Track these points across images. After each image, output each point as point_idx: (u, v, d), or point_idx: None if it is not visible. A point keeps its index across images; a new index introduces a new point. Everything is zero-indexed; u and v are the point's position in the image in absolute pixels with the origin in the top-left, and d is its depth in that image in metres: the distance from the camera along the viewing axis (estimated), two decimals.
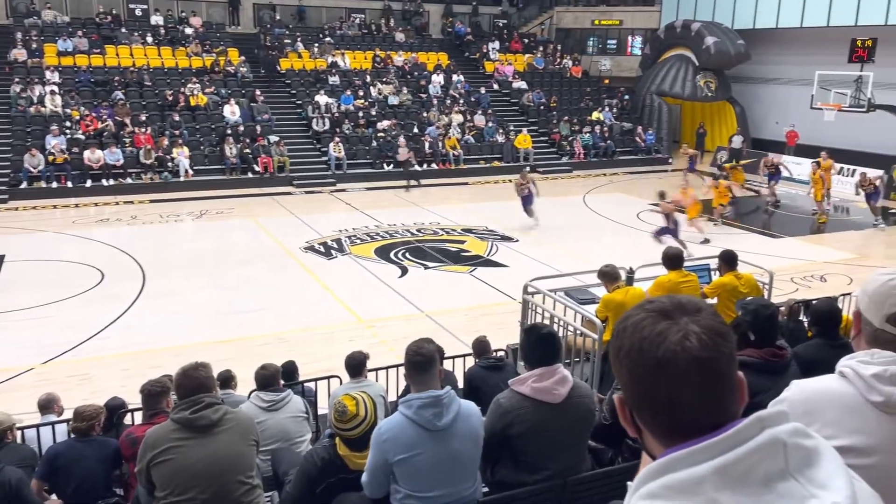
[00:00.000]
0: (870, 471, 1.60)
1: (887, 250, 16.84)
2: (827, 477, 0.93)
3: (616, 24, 32.64)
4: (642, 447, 1.08)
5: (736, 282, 6.90)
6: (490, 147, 25.13)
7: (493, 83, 28.83)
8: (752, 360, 3.96)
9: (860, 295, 1.78)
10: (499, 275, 13.44)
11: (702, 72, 27.50)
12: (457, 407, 3.34)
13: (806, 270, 13.93)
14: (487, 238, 16.14)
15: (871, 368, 1.65)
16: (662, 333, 0.99)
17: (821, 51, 24.09)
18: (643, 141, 27.20)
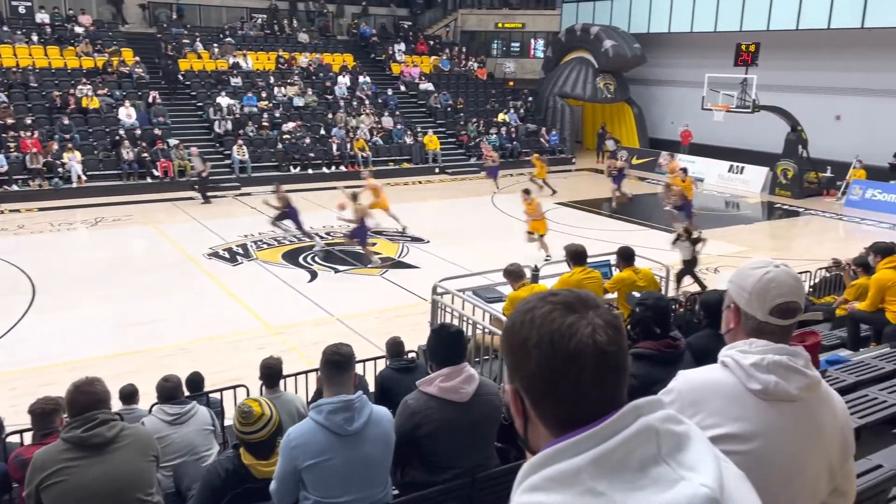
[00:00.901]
0: (750, 455, 1.70)
1: (774, 242, 17.93)
2: (696, 460, 0.98)
3: (519, 27, 33.32)
4: (522, 441, 1.11)
5: (634, 276, 7.18)
6: (399, 148, 25.15)
7: (400, 85, 28.86)
8: (649, 351, 4.14)
9: (737, 291, 1.83)
10: (410, 276, 13.45)
11: (601, 74, 28.46)
12: (368, 411, 3.33)
13: (700, 263, 14.61)
14: (398, 240, 16.13)
15: (750, 358, 1.73)
16: (573, 326, 1.02)
17: (710, 54, 25.39)
18: (547, 142, 27.88)
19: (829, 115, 23.70)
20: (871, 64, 22.61)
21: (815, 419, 1.77)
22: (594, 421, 1.00)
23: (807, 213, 20.31)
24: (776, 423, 1.72)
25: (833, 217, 19.98)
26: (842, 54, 23.21)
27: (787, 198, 21.88)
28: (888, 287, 7.02)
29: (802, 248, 16.46)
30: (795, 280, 1.86)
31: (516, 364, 1.06)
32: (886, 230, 17.57)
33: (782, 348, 1.76)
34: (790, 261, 12.55)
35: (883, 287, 7.05)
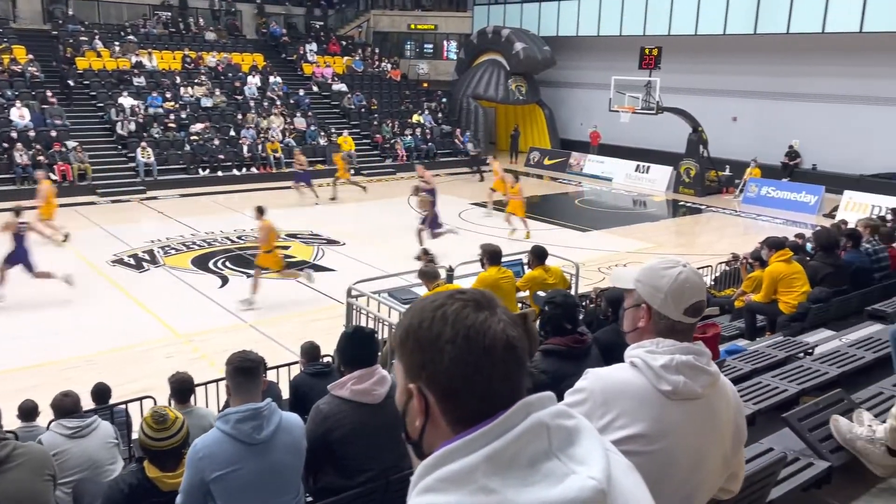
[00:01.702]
0: (658, 454, 1.76)
1: (678, 238, 18.69)
2: (585, 453, 1.01)
3: (431, 28, 33.48)
4: (414, 444, 1.10)
5: (545, 274, 7.34)
6: (312, 149, 24.79)
7: (313, 85, 28.48)
8: (559, 347, 4.24)
9: (651, 292, 1.86)
10: (326, 279, 13.28)
11: (513, 76, 28.94)
12: (278, 419, 3.26)
13: (611, 260, 15.09)
14: (313, 242, 15.91)
15: (660, 359, 1.78)
16: (486, 322, 1.04)
17: (616, 57, 26.25)
18: (462, 143, 28.13)
19: (726, 116, 24.93)
20: (763, 68, 23.92)
21: (714, 413, 1.85)
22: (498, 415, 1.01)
23: (708, 210, 21.28)
24: (682, 421, 1.78)
25: (732, 214, 21.02)
26: (737, 59, 24.46)
27: (690, 196, 22.86)
28: (780, 279, 7.42)
29: (705, 244, 17.24)
30: (700, 278, 1.94)
31: (424, 361, 1.05)
32: (780, 225, 18.61)
33: (688, 348, 1.82)
34: (693, 256, 13.16)
35: (775, 279, 7.45)
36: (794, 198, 21.21)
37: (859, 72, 21.68)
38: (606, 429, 1.78)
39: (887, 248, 8.63)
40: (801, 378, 4.39)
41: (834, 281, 7.48)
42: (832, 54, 22.05)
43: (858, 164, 21.65)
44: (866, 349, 4.95)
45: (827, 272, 7.52)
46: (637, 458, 1.75)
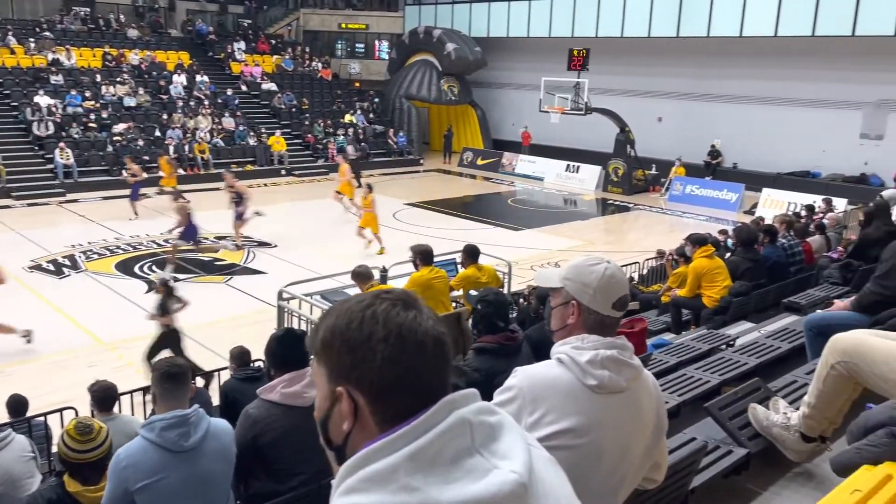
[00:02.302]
0: (585, 448, 1.80)
1: (608, 236, 19.14)
2: (507, 448, 1.02)
3: (363, 28, 33.29)
4: (338, 448, 1.09)
5: (478, 273, 7.40)
6: (242, 150, 24.31)
7: (242, 84, 27.90)
8: (491, 345, 4.28)
9: (580, 288, 1.90)
10: (257, 282, 13.05)
11: (445, 76, 29.05)
12: (206, 425, 3.19)
13: (543, 258, 15.33)
14: (243, 245, 15.58)
15: (585, 354, 1.82)
16: (416, 319, 1.05)
17: (545, 59, 26.67)
18: (395, 143, 28.08)
19: (652, 116, 25.66)
20: (686, 70, 24.74)
21: (638, 405, 1.90)
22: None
23: (636, 209, 21.85)
24: (608, 414, 1.82)
25: (658, 211, 21.65)
26: (661, 61, 25.21)
27: (619, 194, 23.43)
28: (703, 274, 7.70)
29: (633, 241, 17.70)
30: (623, 274, 2.01)
31: (354, 362, 1.04)
32: (704, 222, 19.27)
33: (612, 343, 1.86)
34: (622, 253, 13.46)
35: (699, 274, 7.73)
36: (717, 195, 22.01)
37: (775, 74, 22.66)
38: (536, 425, 1.81)
39: (802, 243, 9.06)
40: (722, 369, 4.56)
41: (753, 275, 7.80)
42: (750, 57, 22.97)
43: (776, 162, 22.63)
44: (783, 340, 5.18)
45: (746, 267, 7.84)
46: (566, 452, 1.79)
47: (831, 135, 21.89)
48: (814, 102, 22.07)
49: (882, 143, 21.19)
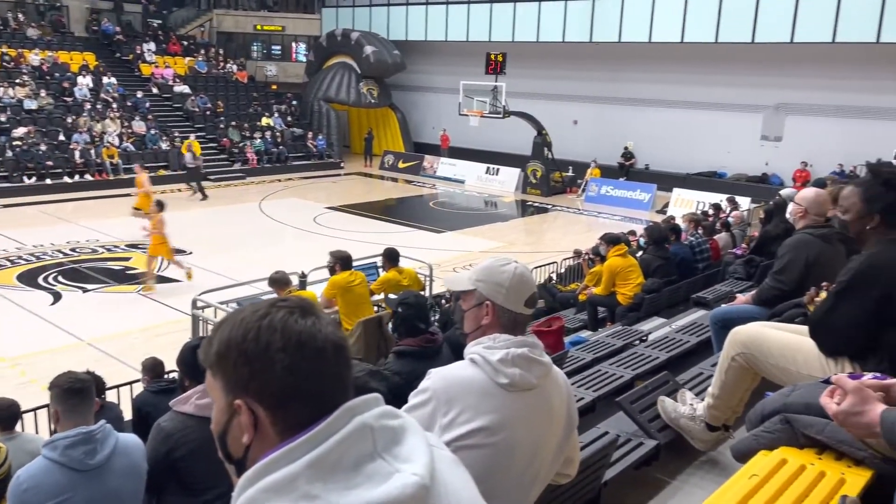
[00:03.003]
0: (499, 445, 1.83)
1: (528, 237, 19.48)
2: (410, 451, 1.03)
3: (279, 29, 32.74)
4: (238, 462, 1.07)
5: (399, 276, 7.40)
6: (154, 155, 23.48)
7: (152, 87, 26.94)
8: (411, 348, 4.29)
9: (493, 288, 1.93)
10: (171, 290, 12.63)
11: (364, 79, 28.90)
12: (113, 441, 3.06)
13: (465, 260, 15.43)
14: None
15: (497, 353, 1.86)
16: (315, 325, 1.04)
17: (464, 62, 26.91)
18: (315, 146, 27.73)
19: (568, 119, 26.27)
20: (600, 74, 25.45)
21: (549, 402, 1.95)
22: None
23: (554, 210, 22.32)
24: (520, 412, 1.86)
25: (576, 212, 22.18)
26: (576, 65, 25.85)
27: (537, 196, 23.88)
28: (617, 272, 7.94)
29: (552, 242, 18.06)
30: (531, 273, 2.07)
31: (253, 373, 1.02)
32: (619, 221, 19.86)
33: (523, 341, 1.91)
34: (541, 253, 13.71)
35: (613, 273, 7.97)
36: (630, 196, 22.73)
37: (683, 79, 23.60)
38: (451, 425, 1.83)
39: (709, 241, 9.47)
40: (635, 364, 4.72)
41: (664, 272, 8.10)
42: (659, 62, 23.84)
43: (685, 163, 23.57)
44: (691, 334, 5.40)
45: (658, 264, 8.14)
46: (481, 451, 1.82)
47: (735, 137, 22.98)
48: (718, 106, 23.11)
49: (781, 144, 22.41)
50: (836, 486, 1.85)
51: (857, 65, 20.10)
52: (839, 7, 19.18)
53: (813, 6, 19.63)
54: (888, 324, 2.50)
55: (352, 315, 7.05)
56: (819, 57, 20.50)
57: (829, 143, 20.69)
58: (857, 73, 20.21)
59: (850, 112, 20.74)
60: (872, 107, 20.23)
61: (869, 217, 2.56)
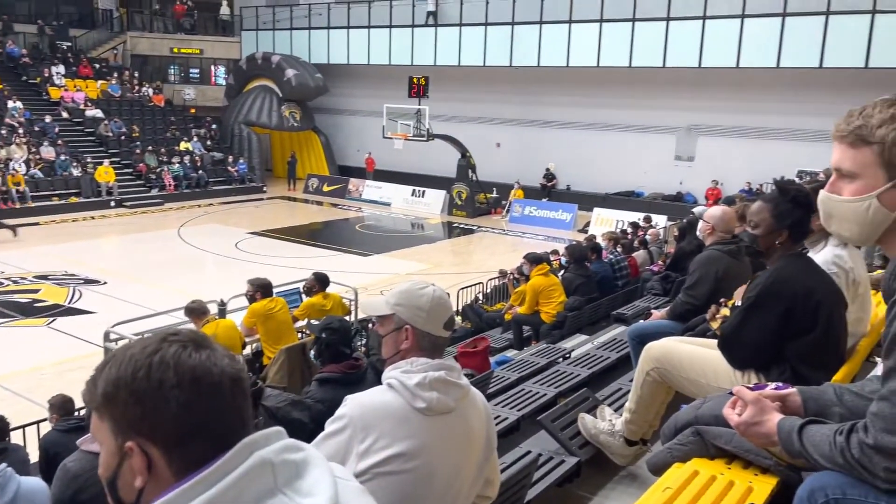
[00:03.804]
0: (418, 470, 1.80)
1: (454, 258, 19.58)
2: (312, 485, 1.00)
3: (197, 52, 32.10)
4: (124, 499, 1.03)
5: (323, 301, 7.30)
6: (64, 181, 22.52)
7: (62, 111, 25.90)
8: (335, 375, 4.23)
9: (413, 312, 1.92)
10: (84, 323, 12.07)
11: (286, 103, 28.61)
12: (15, 487, 2.88)
13: (392, 283, 15.38)
14: (68, 283, 14.39)
15: (414, 377, 1.84)
16: (210, 359, 1.00)
17: (387, 86, 27.01)
18: (236, 171, 27.20)
19: (491, 142, 26.69)
20: (520, 98, 26.01)
21: (467, 424, 1.94)
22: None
23: (480, 231, 22.54)
24: (438, 435, 1.85)
25: (501, 232, 22.47)
26: (497, 89, 26.34)
27: (463, 217, 24.08)
28: (541, 291, 8.08)
29: (478, 262, 18.21)
30: (448, 295, 2.07)
31: (145, 413, 0.98)
32: (542, 241, 20.22)
33: (440, 364, 1.90)
34: (467, 274, 13.72)
35: (537, 292, 8.10)
36: (553, 216, 23.21)
37: (600, 102, 24.38)
38: (368, 451, 1.81)
39: (628, 258, 9.74)
40: (558, 382, 4.79)
41: (585, 290, 8.28)
42: (577, 86, 24.56)
43: (604, 183, 24.27)
44: (612, 350, 5.53)
45: (579, 282, 8.32)
46: (399, 476, 1.80)
47: (651, 157, 23.85)
48: (634, 128, 23.96)
49: (693, 164, 23.38)
50: (745, 494, 1.91)
51: (760, 88, 21.25)
52: (742, 35, 20.26)
53: (717, 34, 20.67)
54: (790, 336, 2.62)
55: (274, 342, 6.91)
56: (725, 81, 21.57)
57: (738, 163, 21.72)
58: (760, 96, 21.36)
59: (755, 133, 21.86)
60: (775, 128, 21.39)
61: (778, 232, 2.70)
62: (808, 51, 19.28)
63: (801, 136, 20.62)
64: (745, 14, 20.16)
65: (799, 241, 2.71)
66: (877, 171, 1.36)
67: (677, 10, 21.28)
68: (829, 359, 2.59)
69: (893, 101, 1.37)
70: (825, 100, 20.21)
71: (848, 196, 1.41)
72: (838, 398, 1.56)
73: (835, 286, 2.73)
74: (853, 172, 1.39)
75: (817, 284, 2.66)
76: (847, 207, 1.41)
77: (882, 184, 1.36)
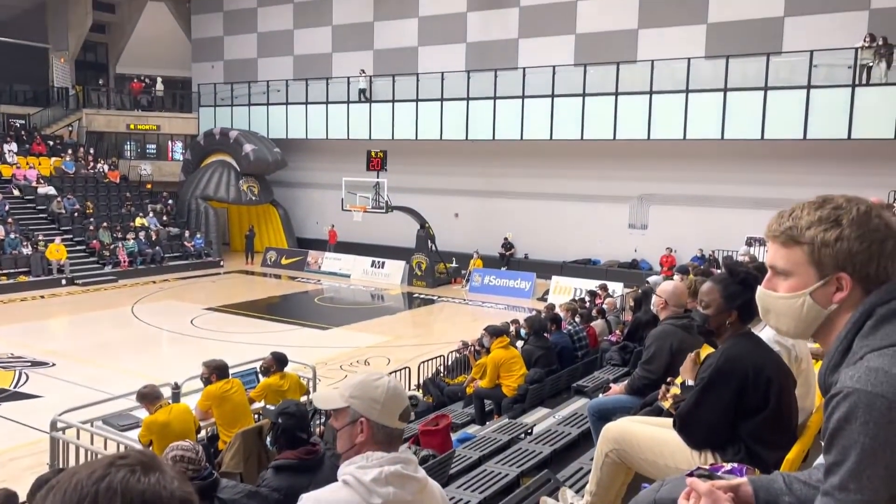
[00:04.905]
0: None
1: (415, 329, 19.48)
2: None
3: (154, 129, 32.15)
4: None
5: (280, 382, 7.16)
6: (13, 260, 21.97)
7: (13, 188, 25.48)
8: (291, 461, 4.13)
9: (368, 405, 1.90)
10: (30, 408, 11.58)
11: (244, 177, 28.66)
12: None
13: (352, 356, 15.20)
14: (13, 366, 13.86)
15: (370, 473, 1.82)
16: (160, 482, 0.99)
17: (346, 160, 27.33)
18: (192, 245, 26.91)
19: (449, 212, 27.02)
20: (477, 170, 26.53)
21: None
22: None
23: (440, 301, 22.55)
24: None
25: (461, 302, 22.50)
26: (455, 161, 26.86)
27: (423, 287, 24.10)
28: (501, 364, 8.06)
29: (439, 333, 18.15)
30: (403, 386, 2.06)
31: None
32: (503, 310, 20.29)
33: (396, 458, 1.88)
34: (429, 345, 13.65)
35: (498, 364, 8.07)
36: (512, 284, 23.38)
37: (553, 173, 25.00)
38: None
39: (587, 328, 9.82)
40: (520, 460, 4.74)
41: (545, 361, 8.30)
42: (531, 157, 25.20)
43: (561, 252, 24.65)
44: (573, 425, 5.51)
45: (539, 354, 8.33)
46: None
47: (605, 226, 24.39)
48: (588, 197, 24.56)
49: (647, 232, 23.96)
50: None
51: (706, 159, 22.11)
52: (687, 109, 21.17)
53: (664, 108, 21.56)
54: (743, 415, 2.67)
55: (230, 426, 6.71)
56: (674, 152, 22.40)
57: (690, 230, 22.34)
58: (707, 166, 22.20)
59: (704, 201, 22.59)
60: (723, 196, 22.15)
61: (728, 313, 2.78)
62: (749, 123, 20.21)
63: (747, 203, 21.38)
64: (690, 89, 21.13)
65: (748, 321, 2.79)
66: (808, 270, 1.42)
67: (625, 86, 22.20)
68: (782, 437, 2.63)
69: (820, 204, 1.44)
70: (768, 169, 21.15)
71: (783, 293, 1.47)
72: (788, 487, 1.59)
73: (783, 363, 2.80)
74: (786, 270, 1.46)
75: (767, 362, 2.73)
76: (783, 304, 1.47)
77: (814, 282, 1.42)
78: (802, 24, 20.80)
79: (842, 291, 1.40)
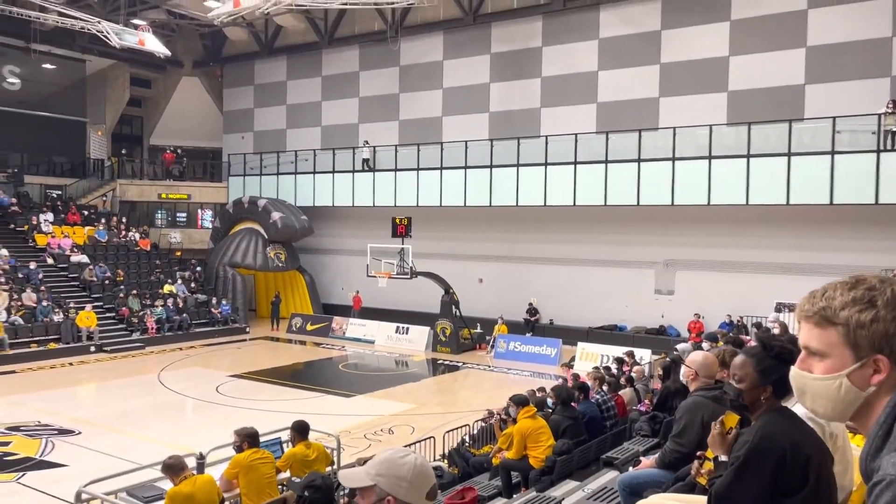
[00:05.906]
0: None
1: (440, 396, 19.25)
2: None
3: (184, 197, 32.94)
4: None
5: (306, 451, 7.10)
6: (44, 328, 22.30)
7: (47, 257, 26.08)
8: None
9: (394, 482, 1.88)
10: (56, 477, 11.56)
11: (271, 244, 29.09)
12: None
13: (376, 425, 15.03)
14: (40, 435, 13.90)
15: None
16: None
17: (371, 226, 27.68)
18: (219, 312, 27.14)
19: (473, 278, 27.05)
20: (501, 235, 26.68)
21: None
22: None
23: (465, 367, 22.34)
24: None
25: (486, 369, 22.27)
26: (479, 227, 27.06)
27: (448, 353, 23.94)
28: (528, 434, 7.91)
29: (464, 400, 17.92)
30: (430, 464, 2.04)
31: None
32: (528, 377, 20.04)
33: None
34: (453, 413, 13.49)
35: (524, 435, 7.93)
36: (538, 351, 23.13)
37: (578, 238, 25.03)
38: None
39: (615, 397, 9.65)
40: None
41: (574, 432, 8.13)
42: (554, 223, 25.31)
43: (587, 317, 24.43)
44: (603, 500, 5.36)
45: (567, 424, 8.18)
46: None
47: (631, 291, 24.20)
48: (613, 263, 24.47)
49: (673, 297, 23.71)
50: None
51: (731, 224, 22.02)
52: (710, 174, 21.23)
53: (687, 174, 21.64)
54: (782, 494, 2.59)
55: (255, 496, 6.64)
56: (698, 217, 22.37)
57: (717, 295, 22.07)
58: (732, 231, 22.09)
59: (731, 267, 22.38)
60: (750, 262, 21.94)
61: (762, 388, 2.73)
62: (774, 188, 20.17)
63: (775, 268, 21.15)
64: (713, 155, 21.24)
65: (782, 396, 2.74)
66: (844, 351, 1.41)
67: (647, 153, 22.39)
68: None
69: (853, 284, 1.44)
70: (795, 234, 20.97)
71: (819, 374, 1.45)
72: None
73: (820, 440, 2.73)
74: (821, 351, 1.45)
75: (804, 439, 2.66)
76: (819, 385, 1.45)
77: (850, 363, 1.40)
78: (824, 92, 20.96)
79: (879, 374, 1.38)
